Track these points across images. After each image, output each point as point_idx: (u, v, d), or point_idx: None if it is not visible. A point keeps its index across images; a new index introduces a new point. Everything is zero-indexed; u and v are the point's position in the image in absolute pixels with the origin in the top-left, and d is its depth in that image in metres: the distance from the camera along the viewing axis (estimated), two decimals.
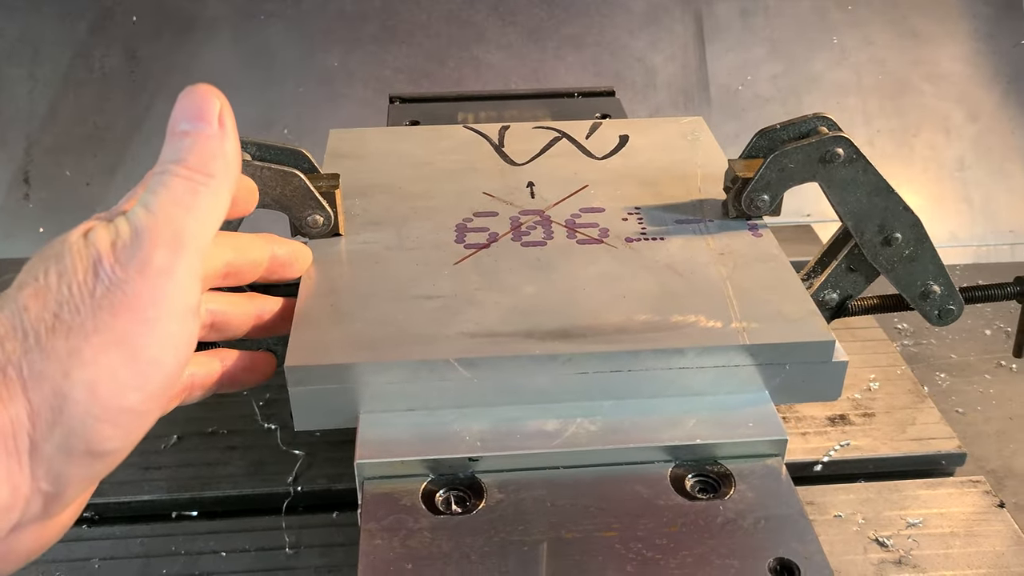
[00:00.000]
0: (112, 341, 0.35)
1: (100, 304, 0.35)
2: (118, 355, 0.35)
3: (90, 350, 0.35)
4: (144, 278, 0.36)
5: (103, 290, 0.35)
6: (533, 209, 0.56)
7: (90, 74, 1.18)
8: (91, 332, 0.35)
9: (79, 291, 0.36)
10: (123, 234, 0.37)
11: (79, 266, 0.36)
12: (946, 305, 0.58)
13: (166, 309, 0.36)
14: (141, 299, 0.36)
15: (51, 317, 0.35)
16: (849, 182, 0.53)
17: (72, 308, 0.35)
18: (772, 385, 0.46)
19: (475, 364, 0.44)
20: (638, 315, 0.46)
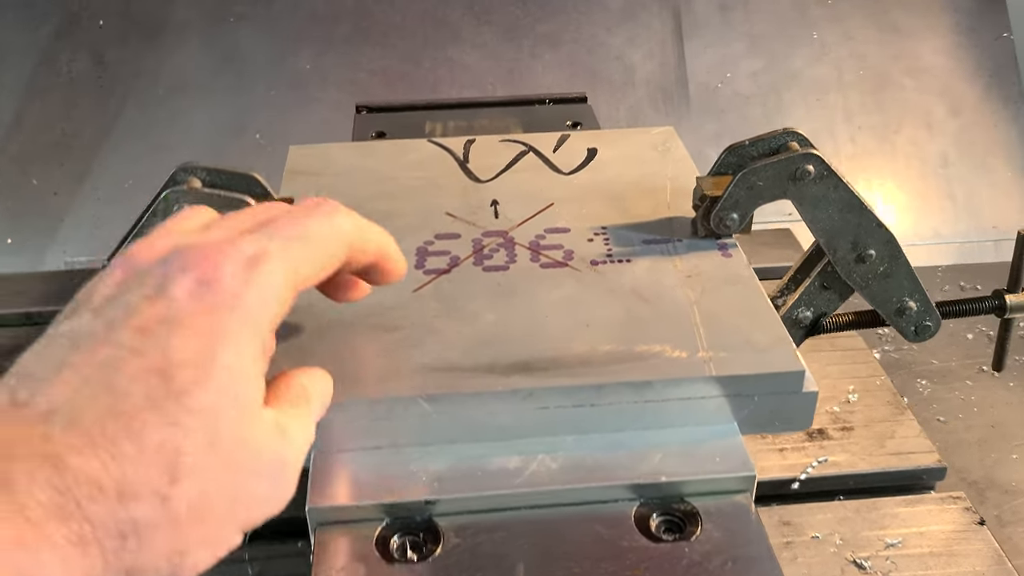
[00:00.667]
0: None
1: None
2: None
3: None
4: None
5: None
6: (496, 230, 0.54)
7: (56, 80, 1.16)
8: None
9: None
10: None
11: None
12: (923, 321, 0.57)
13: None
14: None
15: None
16: (820, 199, 0.51)
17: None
18: (740, 416, 0.44)
19: (435, 400, 0.42)
20: (602, 345, 0.45)
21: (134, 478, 0.28)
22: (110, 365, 0.29)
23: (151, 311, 0.30)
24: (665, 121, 1.20)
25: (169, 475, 0.28)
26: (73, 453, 0.27)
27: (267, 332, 0.33)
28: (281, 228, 0.35)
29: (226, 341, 0.31)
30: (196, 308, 0.31)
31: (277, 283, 0.33)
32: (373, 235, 0.39)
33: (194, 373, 0.30)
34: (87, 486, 0.27)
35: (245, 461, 0.31)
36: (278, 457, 0.33)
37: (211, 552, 0.31)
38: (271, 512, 0.33)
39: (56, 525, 0.27)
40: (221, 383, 0.30)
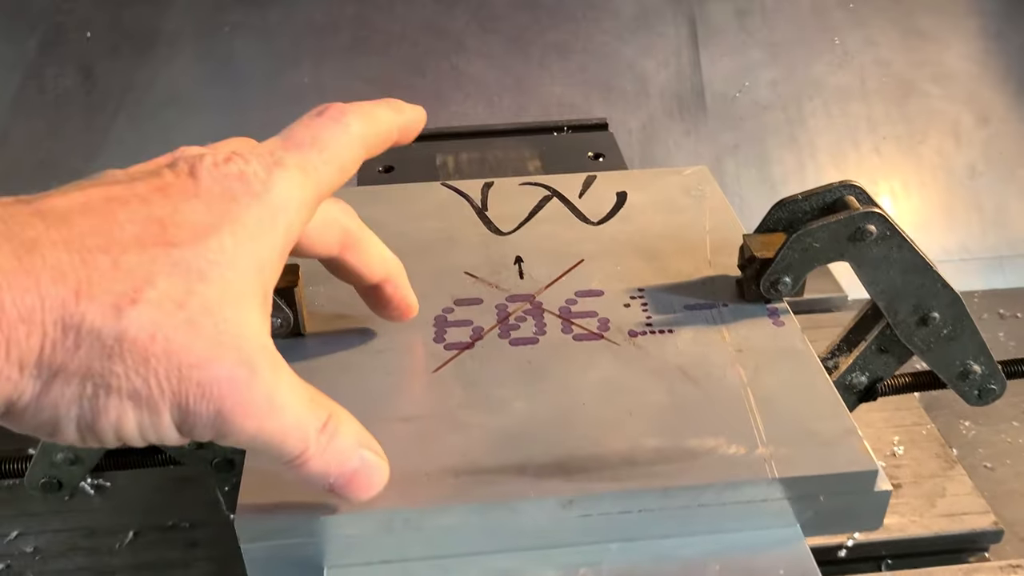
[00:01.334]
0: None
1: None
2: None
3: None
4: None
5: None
6: (522, 294, 0.49)
7: (42, 95, 1.10)
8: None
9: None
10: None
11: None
12: (987, 385, 0.52)
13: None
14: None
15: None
16: (882, 260, 0.46)
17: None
18: (804, 519, 0.40)
19: (458, 511, 0.37)
20: (648, 439, 0.40)
21: (97, 283, 0.28)
22: (117, 200, 0.29)
23: (174, 181, 0.31)
24: (680, 131, 1.14)
25: (131, 294, 0.28)
26: (48, 243, 0.27)
27: (283, 235, 0.32)
28: (294, 137, 0.34)
29: (238, 223, 0.31)
30: (217, 191, 0.31)
31: (298, 186, 0.33)
32: (384, 121, 0.38)
33: (193, 234, 0.30)
34: (51, 271, 0.27)
35: (208, 334, 0.29)
36: (243, 355, 0.30)
37: (137, 415, 0.29)
38: (208, 423, 0.30)
39: (10, 293, 0.26)
40: (211, 254, 0.30)
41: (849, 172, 1.13)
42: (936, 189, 1.13)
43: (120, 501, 0.63)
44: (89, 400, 0.28)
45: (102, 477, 0.64)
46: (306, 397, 0.33)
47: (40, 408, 0.28)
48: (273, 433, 0.31)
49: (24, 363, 0.27)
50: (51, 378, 0.28)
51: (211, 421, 0.30)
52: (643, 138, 1.14)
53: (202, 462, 0.50)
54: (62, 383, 0.28)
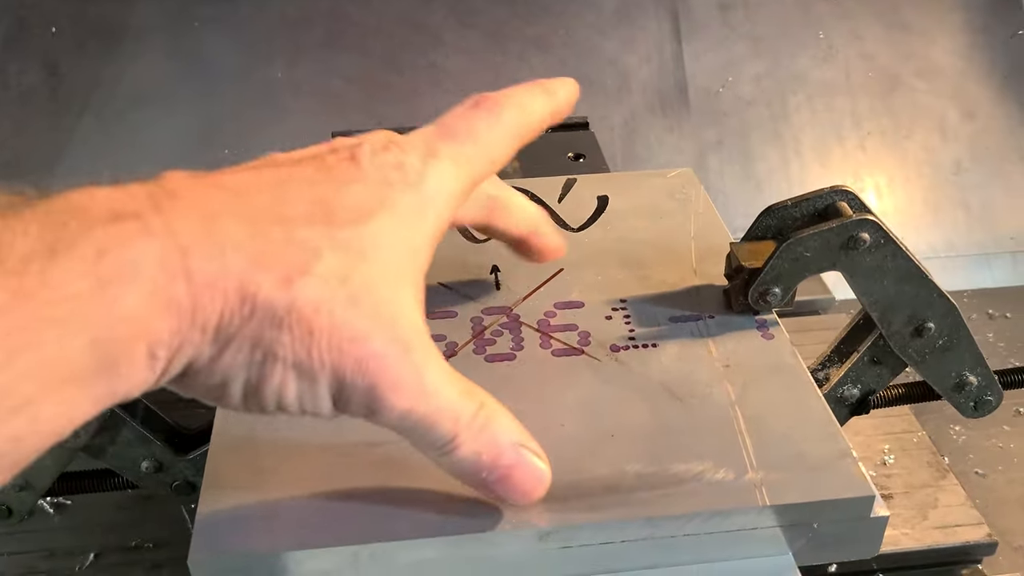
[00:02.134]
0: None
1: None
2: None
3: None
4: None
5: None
6: (498, 306, 0.47)
7: (5, 93, 1.07)
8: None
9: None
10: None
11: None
12: (983, 396, 0.50)
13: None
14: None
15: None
16: (875, 269, 0.44)
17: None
18: (796, 547, 0.37)
19: (430, 545, 0.35)
20: (630, 464, 0.38)
21: (272, 255, 0.29)
22: (286, 179, 0.31)
23: (337, 165, 0.32)
24: (663, 127, 1.12)
25: (302, 267, 0.29)
26: (228, 213, 0.28)
27: (434, 223, 0.33)
28: (450, 128, 0.35)
29: (395, 209, 0.31)
30: (376, 177, 0.32)
31: (451, 178, 0.33)
32: (538, 111, 0.38)
33: (355, 216, 0.30)
34: (233, 241, 0.28)
35: (367, 310, 0.30)
36: (399, 332, 0.31)
37: (298, 384, 0.30)
38: (363, 396, 0.31)
39: (199, 259, 0.27)
40: (373, 235, 0.31)
41: (834, 168, 1.12)
42: (921, 185, 1.12)
43: (81, 520, 0.61)
44: (258, 366, 0.29)
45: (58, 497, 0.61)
46: (459, 383, 0.33)
47: (212, 372, 0.29)
48: (425, 414, 0.32)
49: (206, 327, 0.28)
50: (226, 343, 0.28)
51: (364, 396, 0.31)
52: (625, 134, 1.11)
53: (161, 485, 0.47)
54: (235, 349, 0.29)
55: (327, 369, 0.30)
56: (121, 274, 0.26)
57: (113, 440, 0.46)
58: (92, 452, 0.46)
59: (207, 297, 0.27)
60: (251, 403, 0.30)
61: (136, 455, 0.46)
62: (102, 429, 0.45)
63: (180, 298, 0.27)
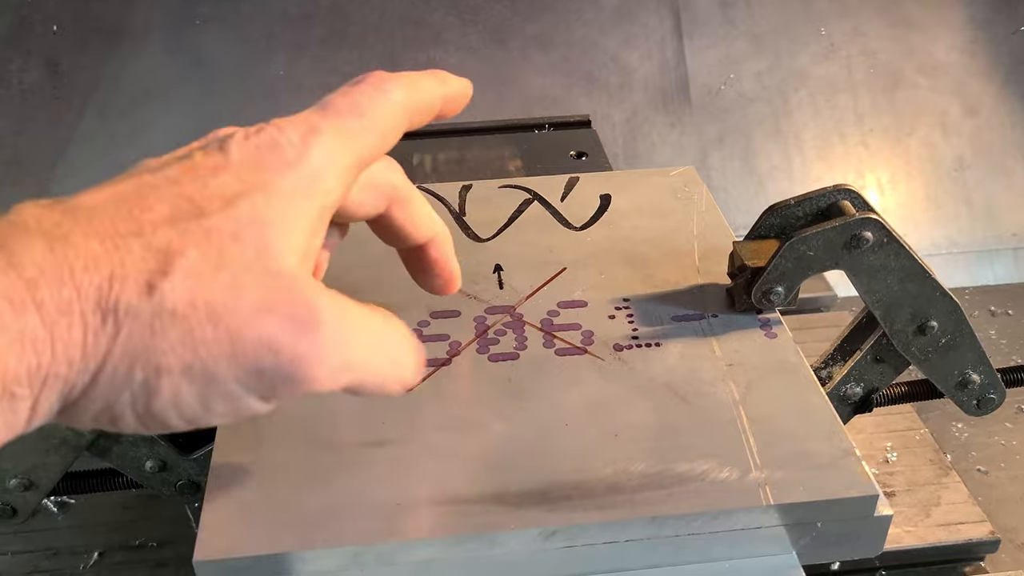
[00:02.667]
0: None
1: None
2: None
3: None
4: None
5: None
6: (502, 305, 0.47)
7: (7, 91, 1.07)
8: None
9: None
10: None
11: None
12: (986, 394, 0.50)
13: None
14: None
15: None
16: (879, 268, 0.44)
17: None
18: (800, 545, 0.37)
19: (434, 545, 0.35)
20: (634, 463, 0.38)
21: (129, 264, 0.27)
22: (147, 186, 0.29)
23: (204, 160, 0.30)
24: (665, 124, 1.12)
25: (162, 268, 0.27)
26: (80, 234, 0.27)
27: (322, 199, 0.31)
28: (331, 105, 0.33)
29: (268, 189, 0.30)
30: (248, 163, 0.30)
31: (335, 154, 0.31)
32: (428, 90, 0.36)
33: (222, 203, 0.29)
34: (83, 259, 0.26)
35: (253, 292, 0.28)
36: (303, 302, 0.29)
37: (198, 390, 0.28)
38: (285, 376, 0.29)
39: (48, 288, 0.26)
40: (241, 216, 0.29)
41: (836, 164, 1.11)
42: (923, 181, 1.12)
43: (85, 519, 0.61)
44: (140, 384, 0.28)
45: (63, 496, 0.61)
46: (369, 327, 0.31)
47: (92, 400, 0.28)
48: (353, 378, 0.31)
49: (71, 357, 0.26)
50: (98, 368, 0.27)
51: (287, 375, 0.29)
52: (627, 131, 1.11)
53: (165, 485, 0.47)
54: (110, 371, 0.27)
55: (224, 362, 0.28)
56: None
57: (117, 440, 0.46)
58: (96, 452, 0.46)
59: (63, 325, 0.26)
60: (149, 423, 0.29)
61: (140, 455, 0.46)
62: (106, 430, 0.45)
63: (33, 332, 0.25)
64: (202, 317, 0.27)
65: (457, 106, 0.38)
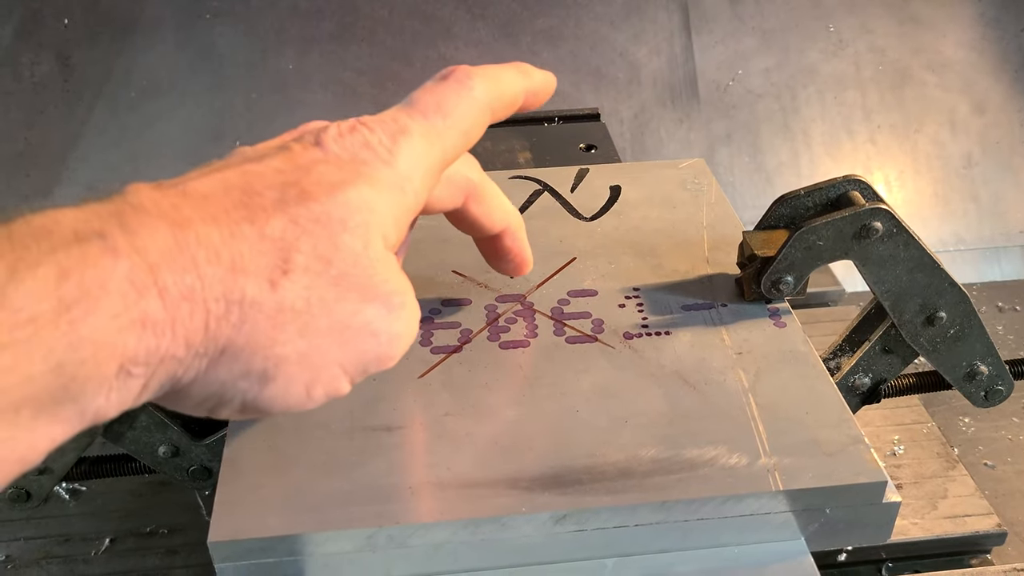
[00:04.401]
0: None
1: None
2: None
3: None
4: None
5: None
6: (512, 294, 0.47)
7: (19, 84, 1.07)
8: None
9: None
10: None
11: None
12: (994, 385, 0.50)
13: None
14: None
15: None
16: (888, 259, 0.44)
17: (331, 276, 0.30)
18: (808, 532, 0.38)
19: (446, 528, 0.35)
20: (645, 449, 0.38)
21: (248, 257, 0.28)
22: (253, 174, 0.30)
23: (303, 152, 0.31)
24: (673, 119, 1.12)
25: (281, 266, 0.29)
26: (198, 220, 0.28)
27: (413, 199, 0.32)
28: (417, 104, 0.34)
29: (372, 179, 0.31)
30: (345, 157, 0.31)
31: (422, 154, 0.33)
32: (510, 85, 0.37)
33: (327, 189, 0.30)
34: (205, 250, 0.27)
35: (357, 281, 0.30)
36: (394, 288, 0.31)
37: (308, 376, 0.30)
38: (379, 356, 0.32)
39: (171, 274, 0.27)
40: (350, 203, 0.30)
41: (844, 161, 1.12)
42: (931, 178, 1.12)
43: (96, 506, 0.61)
44: (259, 372, 0.29)
45: (76, 482, 0.62)
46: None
47: (206, 384, 0.29)
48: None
49: (190, 341, 0.27)
50: (218, 354, 0.28)
51: (382, 356, 0.32)
52: (635, 127, 1.11)
53: (178, 470, 0.47)
54: (230, 358, 0.28)
55: (335, 350, 0.30)
56: (84, 295, 0.25)
57: (131, 425, 0.46)
58: (110, 437, 0.46)
59: (185, 311, 0.27)
60: (251, 410, 0.30)
61: (153, 440, 0.46)
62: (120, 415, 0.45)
63: (154, 315, 0.26)
64: (317, 311, 0.29)
65: (540, 99, 0.39)
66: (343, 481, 0.37)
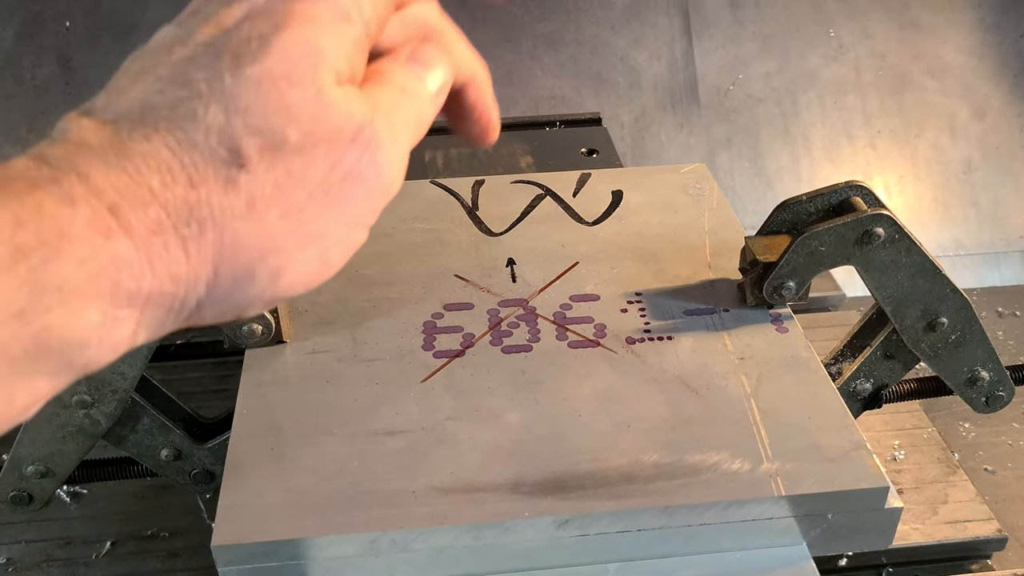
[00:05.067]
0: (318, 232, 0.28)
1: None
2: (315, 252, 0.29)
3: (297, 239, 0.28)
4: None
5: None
6: (515, 298, 0.47)
7: (20, 87, 1.07)
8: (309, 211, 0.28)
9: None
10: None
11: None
12: (995, 391, 0.50)
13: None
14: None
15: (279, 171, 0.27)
16: (889, 264, 0.44)
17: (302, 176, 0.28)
18: (811, 536, 0.38)
19: (448, 532, 0.36)
20: (647, 454, 0.38)
21: (201, 163, 0.26)
22: (181, 60, 0.28)
23: (227, 12, 0.28)
24: (673, 124, 1.12)
25: (236, 161, 0.27)
26: (142, 141, 0.26)
27: (361, 27, 0.29)
28: None
29: (305, 16, 0.28)
30: (277, 3, 0.28)
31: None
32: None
33: (260, 44, 0.27)
34: (158, 173, 0.26)
35: (322, 135, 0.28)
36: (360, 122, 0.28)
37: (316, 249, 0.28)
38: (378, 191, 0.29)
39: (132, 211, 0.25)
40: (290, 51, 0.27)
41: (844, 166, 1.12)
42: (931, 184, 1.12)
43: (97, 509, 0.61)
44: (266, 272, 0.28)
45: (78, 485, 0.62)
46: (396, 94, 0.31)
47: (216, 303, 0.28)
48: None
49: (175, 274, 0.26)
50: (212, 275, 0.27)
51: (380, 190, 0.29)
52: (635, 131, 1.11)
53: (180, 473, 0.48)
54: (228, 271, 0.27)
55: (328, 214, 0.28)
56: (42, 244, 0.24)
57: (133, 428, 0.46)
58: (113, 440, 0.46)
59: (158, 245, 0.26)
60: (277, 301, 0.29)
61: (156, 443, 0.47)
62: (123, 418, 0.45)
63: (126, 256, 0.25)
64: (289, 187, 0.27)
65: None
66: (346, 486, 0.37)
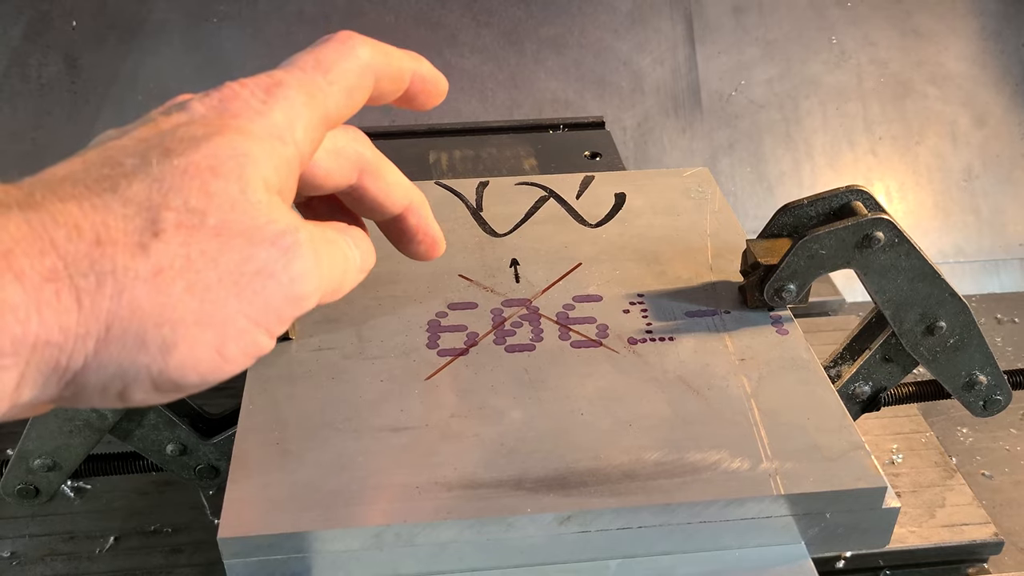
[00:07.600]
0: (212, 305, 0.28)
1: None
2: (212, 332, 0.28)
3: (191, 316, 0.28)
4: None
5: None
6: (518, 298, 0.48)
7: (26, 85, 1.08)
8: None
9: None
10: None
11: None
12: (993, 395, 0.51)
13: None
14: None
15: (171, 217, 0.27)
16: (889, 268, 0.45)
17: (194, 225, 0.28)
18: (809, 536, 0.38)
19: (452, 527, 0.36)
20: (648, 452, 0.39)
21: (114, 226, 0.27)
22: (114, 148, 0.28)
23: (166, 119, 0.30)
24: (676, 128, 1.13)
25: (151, 228, 0.27)
26: (55, 201, 0.26)
27: (293, 148, 0.31)
28: (296, 61, 0.32)
29: (239, 130, 0.29)
30: (214, 115, 0.30)
31: (300, 107, 0.31)
32: (397, 57, 0.35)
33: (191, 144, 0.28)
34: (64, 228, 0.26)
35: (240, 227, 0.28)
36: (283, 228, 0.29)
37: (213, 335, 0.28)
38: (287, 299, 0.29)
39: (27, 258, 0.25)
40: (218, 151, 0.28)
41: (845, 172, 1.12)
42: (932, 191, 1.12)
43: (101, 504, 0.62)
44: (157, 342, 0.27)
45: (83, 479, 0.62)
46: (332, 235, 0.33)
47: (102, 366, 0.27)
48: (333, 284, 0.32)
49: (64, 324, 0.26)
50: (104, 332, 0.26)
51: (288, 298, 0.29)
52: (638, 136, 1.12)
53: (185, 469, 0.48)
54: (119, 332, 0.27)
55: (233, 301, 0.28)
56: None
57: (139, 423, 0.47)
58: (118, 435, 0.47)
59: (50, 292, 0.25)
60: (165, 385, 0.28)
61: (161, 438, 0.47)
62: (129, 413, 0.46)
63: (12, 300, 0.25)
64: (201, 265, 0.27)
65: (431, 94, 0.37)
66: (351, 480, 0.37)
